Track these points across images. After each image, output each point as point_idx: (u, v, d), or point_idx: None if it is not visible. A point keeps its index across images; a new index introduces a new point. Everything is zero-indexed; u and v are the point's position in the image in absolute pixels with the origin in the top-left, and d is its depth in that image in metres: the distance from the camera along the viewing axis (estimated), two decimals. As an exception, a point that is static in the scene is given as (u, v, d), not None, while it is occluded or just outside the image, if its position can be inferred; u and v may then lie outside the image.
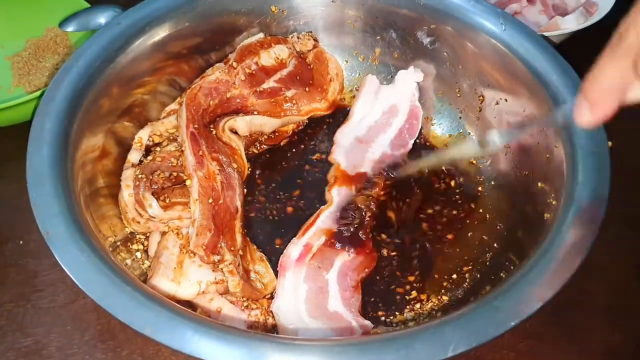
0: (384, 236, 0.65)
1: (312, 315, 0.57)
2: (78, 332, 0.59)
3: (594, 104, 0.34)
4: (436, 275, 0.62)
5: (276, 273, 0.60)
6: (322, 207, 0.65)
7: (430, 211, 0.68)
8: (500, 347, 0.59)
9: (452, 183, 0.70)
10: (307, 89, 0.74)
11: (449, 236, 0.65)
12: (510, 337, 0.59)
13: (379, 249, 0.64)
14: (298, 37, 0.75)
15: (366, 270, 0.61)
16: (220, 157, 0.63)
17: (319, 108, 0.75)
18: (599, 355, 0.59)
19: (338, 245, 0.61)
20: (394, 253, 0.64)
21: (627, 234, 0.67)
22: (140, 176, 0.60)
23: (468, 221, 0.67)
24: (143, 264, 0.60)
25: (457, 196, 0.69)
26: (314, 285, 0.59)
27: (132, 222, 0.59)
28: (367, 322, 0.57)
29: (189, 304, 0.56)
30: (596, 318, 0.61)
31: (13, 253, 0.65)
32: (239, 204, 0.61)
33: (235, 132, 0.68)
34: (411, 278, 0.62)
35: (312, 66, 0.75)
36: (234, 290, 0.55)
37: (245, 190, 0.66)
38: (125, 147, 0.64)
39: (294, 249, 0.61)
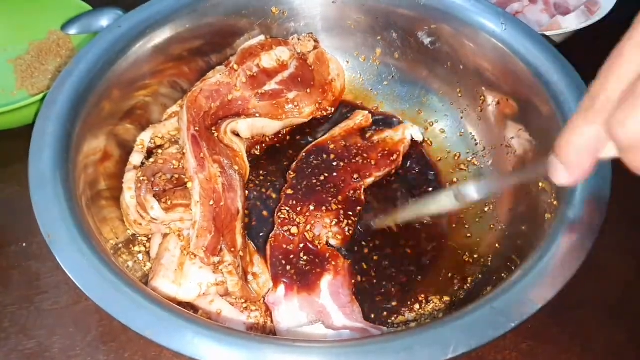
0: (377, 242, 0.65)
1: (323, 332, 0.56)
2: (81, 334, 0.59)
3: (569, 165, 0.35)
4: (437, 276, 0.62)
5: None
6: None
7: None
8: (502, 347, 0.59)
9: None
10: (308, 90, 0.74)
11: (450, 236, 0.65)
12: (513, 338, 0.59)
13: (374, 251, 0.64)
14: (299, 39, 0.75)
15: (353, 281, 0.60)
16: (222, 160, 0.63)
17: (320, 109, 0.75)
18: (602, 355, 0.59)
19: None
20: (390, 254, 0.64)
21: (629, 234, 0.67)
22: (142, 178, 0.60)
23: (470, 221, 0.67)
24: (145, 266, 0.60)
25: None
26: (312, 311, 0.58)
27: (134, 224, 0.60)
28: (383, 328, 0.57)
29: (190, 306, 0.56)
30: (599, 318, 0.61)
31: (16, 255, 0.65)
32: (240, 205, 0.61)
33: (237, 135, 0.68)
34: (406, 279, 0.62)
35: (313, 67, 0.75)
36: (233, 290, 0.56)
37: (246, 192, 0.66)
38: (127, 149, 0.65)
39: (279, 288, 0.59)
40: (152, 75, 0.68)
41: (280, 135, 0.74)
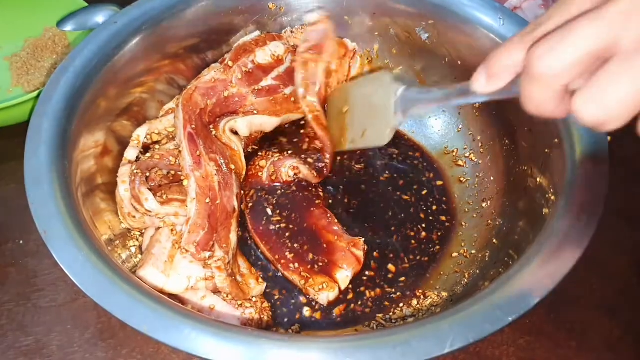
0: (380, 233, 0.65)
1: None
2: (78, 331, 0.59)
3: (490, 75, 0.37)
4: (434, 271, 0.62)
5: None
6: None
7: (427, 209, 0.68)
8: (499, 342, 0.59)
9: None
10: (304, 83, 0.73)
11: (447, 232, 0.65)
12: (510, 333, 0.59)
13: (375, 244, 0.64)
14: (291, 32, 0.75)
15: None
16: (218, 158, 0.63)
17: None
18: (598, 350, 0.59)
19: None
20: (390, 251, 0.64)
21: (627, 229, 0.67)
22: (136, 171, 0.59)
23: (467, 217, 0.67)
24: (136, 258, 0.60)
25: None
26: None
27: (128, 217, 0.59)
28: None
29: (179, 300, 0.55)
30: (596, 313, 0.61)
31: (13, 253, 0.66)
32: (236, 204, 0.61)
33: (236, 133, 0.68)
34: (404, 278, 0.62)
35: (308, 58, 0.74)
36: (221, 285, 0.55)
37: (242, 190, 0.66)
38: (123, 146, 0.64)
39: None
40: (149, 71, 0.67)
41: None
